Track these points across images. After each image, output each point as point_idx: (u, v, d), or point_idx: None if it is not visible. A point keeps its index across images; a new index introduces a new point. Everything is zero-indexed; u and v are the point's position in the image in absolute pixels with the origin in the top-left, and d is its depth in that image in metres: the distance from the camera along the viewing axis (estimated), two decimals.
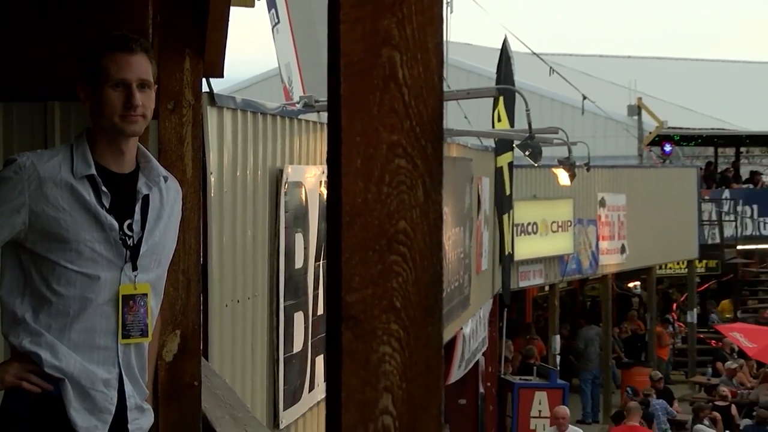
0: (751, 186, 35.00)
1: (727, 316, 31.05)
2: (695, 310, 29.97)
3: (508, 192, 18.38)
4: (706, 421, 21.20)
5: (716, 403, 22.05)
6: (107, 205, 3.28)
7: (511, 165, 18.32)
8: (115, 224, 3.29)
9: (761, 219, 32.52)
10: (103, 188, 3.27)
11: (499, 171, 18.15)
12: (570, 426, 16.46)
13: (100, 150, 3.32)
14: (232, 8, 4.89)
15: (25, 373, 3.23)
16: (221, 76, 5.48)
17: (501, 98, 17.87)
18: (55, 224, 3.21)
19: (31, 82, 5.50)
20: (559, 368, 21.86)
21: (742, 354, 25.25)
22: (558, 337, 24.06)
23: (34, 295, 3.26)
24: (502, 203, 18.36)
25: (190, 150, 4.12)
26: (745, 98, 36.75)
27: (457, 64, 23.74)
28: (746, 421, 20.47)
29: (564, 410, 16.68)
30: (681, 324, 30.34)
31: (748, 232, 32.18)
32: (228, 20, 4.63)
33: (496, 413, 18.75)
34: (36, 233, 3.22)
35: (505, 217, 18.48)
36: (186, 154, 4.09)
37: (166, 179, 3.47)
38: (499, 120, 18.03)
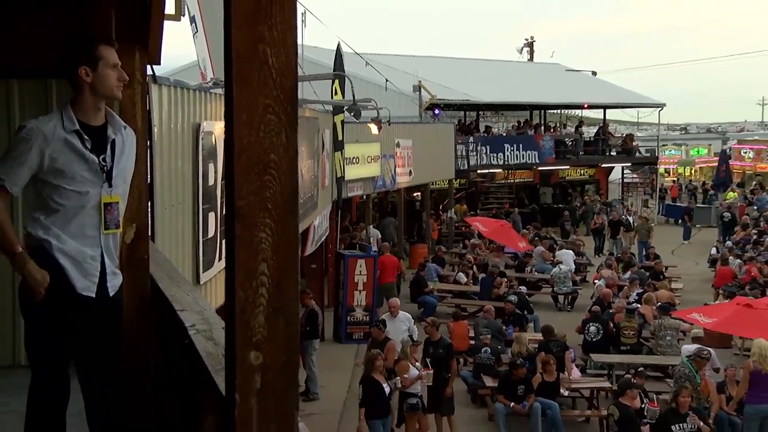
0: (486, 135, 35.74)
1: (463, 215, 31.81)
2: (452, 209, 30.63)
3: (340, 138, 18.37)
4: (461, 274, 21.86)
5: (465, 265, 22.68)
6: (89, 147, 3.24)
7: (342, 122, 18.29)
8: (96, 159, 3.24)
9: (491, 154, 33.32)
10: (85, 137, 3.23)
11: (335, 125, 18.12)
12: (400, 312, 15.01)
13: (83, 110, 3.25)
14: (165, 21, 4.79)
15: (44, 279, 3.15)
16: (159, 63, 5.33)
17: (336, 80, 17.82)
18: (56, 163, 3.17)
19: (33, 65, 5.31)
20: (372, 244, 22.17)
21: (480, 235, 25.92)
22: (371, 226, 24.32)
23: (45, 206, 3.21)
24: (337, 145, 18.36)
25: (140, 111, 4.05)
26: (483, 81, 37.21)
27: (309, 59, 23.42)
28: (482, 275, 21.07)
29: (396, 300, 15.72)
30: (444, 217, 30.99)
31: (483, 162, 32.89)
32: (162, 28, 4.51)
33: (333, 273, 18.90)
34: (44, 169, 3.17)
35: (339, 153, 18.49)
36: (137, 113, 4.01)
37: (125, 128, 3.43)
38: (336, 93, 17.98)
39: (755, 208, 35.83)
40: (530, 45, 56.36)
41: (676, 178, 49.81)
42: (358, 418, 11.08)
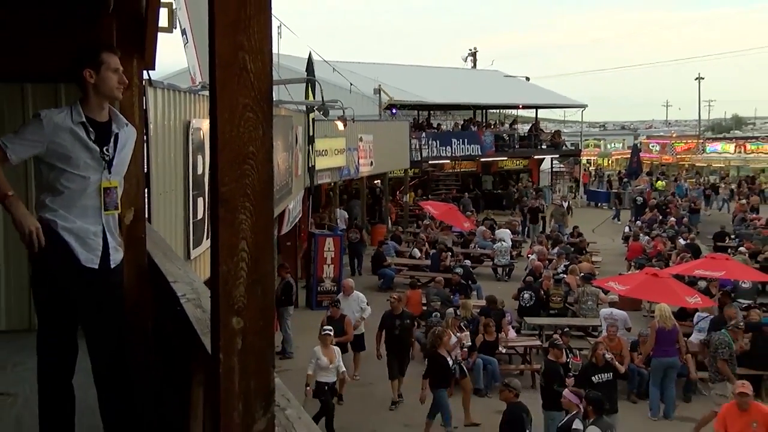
0: (436, 131, 35.77)
1: (416, 199, 31.73)
2: (408, 195, 30.64)
3: (311, 133, 18.26)
4: (416, 250, 21.85)
5: (419, 242, 22.69)
6: (93, 138, 3.17)
7: (314, 119, 18.20)
8: (98, 149, 3.17)
9: (441, 147, 33.36)
10: (90, 129, 3.16)
11: (307, 123, 18.00)
12: (354, 291, 13.98)
13: (90, 108, 3.19)
14: (159, 33, 4.71)
15: (38, 230, 3.04)
16: (154, 69, 5.24)
17: (309, 84, 17.70)
18: (63, 149, 3.09)
19: (45, 71, 5.21)
20: (338, 225, 22.09)
21: (431, 217, 25.95)
22: (339, 209, 24.25)
23: (52, 188, 3.13)
24: (309, 139, 18.24)
25: (138, 110, 3.97)
26: (433, 85, 37.13)
27: (284, 66, 23.08)
28: (433, 251, 21.11)
29: (349, 281, 14.76)
30: (401, 201, 30.97)
31: (434, 154, 32.95)
32: (157, 38, 4.44)
33: (307, 249, 18.84)
34: (52, 154, 3.09)
35: (310, 147, 18.38)
36: (135, 112, 3.94)
37: (127, 125, 3.37)
38: (312, 95, 17.87)
39: (659, 194, 36.44)
40: (474, 54, 56.37)
41: (585, 168, 50.25)
42: (422, 388, 10.84)
